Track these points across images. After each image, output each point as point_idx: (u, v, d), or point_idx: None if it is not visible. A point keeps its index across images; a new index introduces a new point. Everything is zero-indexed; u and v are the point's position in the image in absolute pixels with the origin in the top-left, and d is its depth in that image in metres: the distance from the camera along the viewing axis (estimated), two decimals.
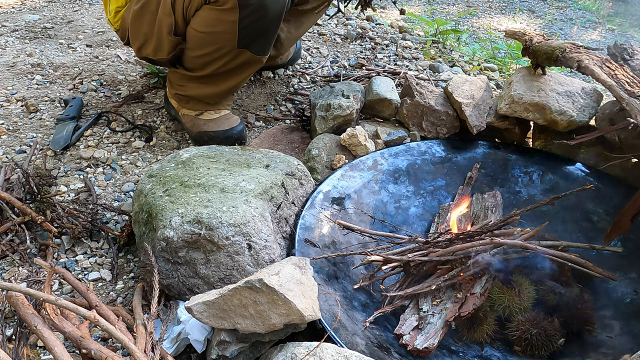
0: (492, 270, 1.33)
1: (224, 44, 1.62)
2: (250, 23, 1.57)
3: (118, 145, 1.89)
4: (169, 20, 1.63)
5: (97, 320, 0.96)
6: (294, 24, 2.03)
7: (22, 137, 1.89)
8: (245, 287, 1.07)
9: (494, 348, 1.30)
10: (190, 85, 1.79)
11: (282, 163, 1.52)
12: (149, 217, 1.32)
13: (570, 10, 4.77)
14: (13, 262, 1.43)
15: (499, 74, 2.73)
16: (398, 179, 1.67)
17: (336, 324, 1.16)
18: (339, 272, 1.36)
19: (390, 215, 1.60)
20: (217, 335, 1.13)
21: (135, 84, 2.24)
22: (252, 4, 1.52)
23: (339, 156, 1.69)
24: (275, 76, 2.31)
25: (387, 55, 2.64)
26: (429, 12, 4.04)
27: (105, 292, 1.40)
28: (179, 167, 1.45)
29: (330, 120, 1.80)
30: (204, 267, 1.26)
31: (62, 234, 1.53)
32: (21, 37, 2.63)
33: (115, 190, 1.71)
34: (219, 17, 1.56)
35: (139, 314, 1.16)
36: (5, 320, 1.25)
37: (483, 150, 1.76)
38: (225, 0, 1.52)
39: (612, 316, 1.35)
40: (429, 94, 1.85)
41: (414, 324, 1.27)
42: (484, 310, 1.31)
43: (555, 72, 1.82)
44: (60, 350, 0.94)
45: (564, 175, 1.67)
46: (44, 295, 0.98)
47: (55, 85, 2.20)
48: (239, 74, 1.74)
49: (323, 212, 1.46)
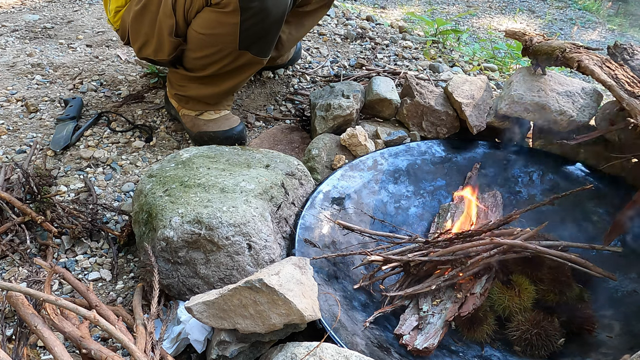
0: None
1: (224, 46, 1.62)
2: (252, 25, 1.57)
3: (118, 145, 1.89)
4: (169, 21, 1.63)
5: (97, 320, 0.96)
6: (295, 25, 2.03)
7: (22, 137, 1.89)
8: (245, 287, 1.07)
9: (494, 348, 1.30)
10: (190, 86, 1.79)
11: (282, 163, 1.52)
12: (149, 217, 1.32)
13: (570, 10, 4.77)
14: (13, 262, 1.43)
15: (499, 74, 2.73)
16: (398, 179, 1.67)
17: (336, 324, 1.16)
18: (339, 272, 1.36)
19: (390, 215, 1.60)
20: (217, 335, 1.13)
21: (135, 84, 2.24)
22: (254, 7, 1.52)
23: (339, 156, 1.69)
24: (275, 76, 2.31)
25: (387, 55, 2.64)
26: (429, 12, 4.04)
27: (105, 292, 1.40)
28: (179, 167, 1.45)
29: (330, 120, 1.80)
30: (204, 267, 1.26)
31: (62, 234, 1.53)
32: (21, 37, 2.63)
33: (115, 190, 1.71)
34: (220, 20, 1.56)
35: (139, 314, 1.16)
36: (5, 320, 1.25)
37: (483, 150, 1.76)
38: (226, 3, 1.52)
39: (612, 316, 1.35)
40: (429, 94, 1.85)
41: (414, 324, 1.27)
42: (484, 310, 1.31)
43: (555, 72, 1.82)
44: (60, 350, 0.94)
45: (564, 175, 1.67)
46: (44, 295, 0.98)
47: (55, 85, 2.20)
48: (240, 75, 1.74)
49: (323, 212, 1.46)
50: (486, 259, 1.33)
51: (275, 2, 1.54)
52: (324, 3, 2.01)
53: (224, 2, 1.52)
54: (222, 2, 1.52)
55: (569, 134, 1.69)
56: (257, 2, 1.51)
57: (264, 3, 1.52)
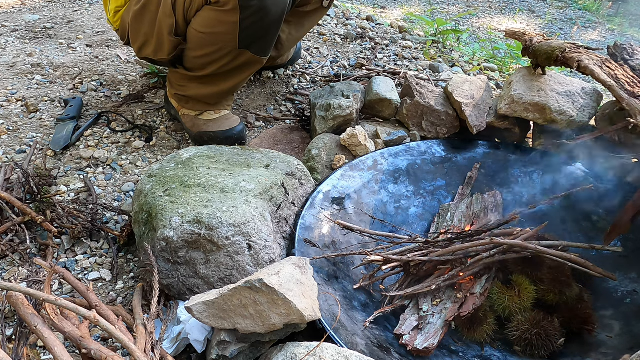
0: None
1: (224, 45, 1.62)
2: (252, 24, 1.57)
3: (118, 145, 1.89)
4: (169, 21, 1.63)
5: (97, 320, 0.96)
6: (295, 25, 2.03)
7: (22, 137, 1.89)
8: (245, 287, 1.07)
9: (494, 348, 1.30)
10: (190, 85, 1.79)
11: (282, 163, 1.52)
12: (149, 217, 1.32)
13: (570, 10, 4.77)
14: (13, 262, 1.43)
15: (499, 74, 2.73)
16: (398, 179, 1.67)
17: (336, 324, 1.16)
18: (339, 272, 1.37)
19: (390, 215, 1.60)
20: (217, 335, 1.13)
21: (135, 84, 2.24)
22: (253, 5, 1.52)
23: (339, 156, 1.69)
24: (275, 76, 2.31)
25: (387, 55, 2.64)
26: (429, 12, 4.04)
27: (105, 292, 1.40)
28: (179, 167, 1.45)
29: (330, 120, 1.80)
30: (204, 267, 1.26)
31: (62, 234, 1.52)
32: (21, 37, 2.63)
33: (115, 190, 1.71)
34: (220, 18, 1.56)
35: (139, 314, 1.16)
36: (5, 320, 1.25)
37: (483, 150, 1.76)
38: (226, 2, 1.52)
39: (612, 316, 1.35)
40: (429, 94, 1.85)
41: (414, 324, 1.27)
42: (484, 310, 1.31)
43: (555, 72, 1.82)
44: (60, 350, 0.94)
45: (564, 175, 1.67)
46: (44, 295, 0.98)
47: (55, 85, 2.20)
48: (240, 74, 1.74)
49: (323, 212, 1.46)
50: (486, 259, 1.33)
51: (275, 1, 1.55)
52: (321, 5, 2.01)
53: (223, 0, 1.52)
54: (222, 1, 1.52)
55: (569, 134, 1.69)
56: (256, 1, 1.51)
57: (263, 2, 1.52)
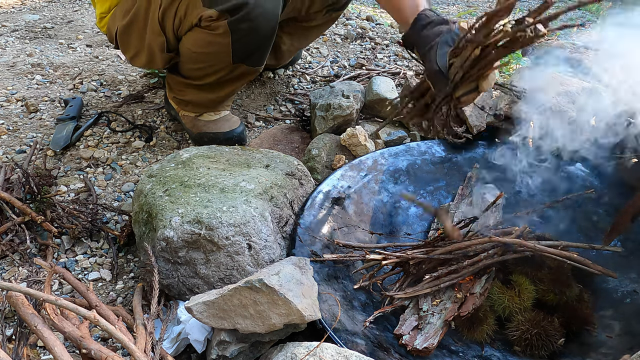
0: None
1: (219, 61, 1.62)
2: (244, 43, 1.56)
3: (118, 145, 1.89)
4: (159, 39, 1.61)
5: (97, 320, 0.96)
6: (298, 37, 2.03)
7: (22, 137, 1.89)
8: (245, 287, 1.07)
9: (494, 348, 1.30)
10: (188, 91, 1.78)
11: (282, 163, 1.52)
12: (149, 217, 1.32)
13: None
14: (13, 262, 1.43)
15: (499, 74, 2.72)
16: (398, 179, 1.67)
17: (336, 324, 1.16)
18: (339, 272, 1.36)
19: (390, 215, 1.60)
20: (217, 335, 1.13)
21: (135, 84, 2.24)
22: (244, 28, 1.51)
23: (339, 156, 1.69)
24: (275, 76, 2.31)
25: (387, 55, 2.64)
26: None
27: (105, 292, 1.40)
28: (179, 167, 1.45)
29: (330, 120, 1.80)
30: (204, 267, 1.26)
31: (62, 234, 1.53)
32: (21, 37, 2.63)
33: (115, 190, 1.71)
34: (212, 40, 1.55)
35: (139, 314, 1.16)
36: (5, 320, 1.25)
37: (483, 150, 1.76)
38: (216, 26, 1.51)
39: (612, 316, 1.35)
40: None
41: (413, 324, 1.27)
42: (484, 310, 1.31)
43: (555, 72, 1.82)
44: (60, 350, 0.94)
45: (564, 175, 1.66)
46: (44, 295, 0.98)
47: (55, 85, 2.20)
48: (237, 82, 1.74)
49: (323, 212, 1.46)
50: (485, 259, 1.33)
51: (265, 19, 1.53)
52: (328, 20, 2.01)
53: (213, 25, 1.51)
54: (212, 26, 1.52)
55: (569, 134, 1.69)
56: (246, 24, 1.51)
57: (253, 23, 1.52)
